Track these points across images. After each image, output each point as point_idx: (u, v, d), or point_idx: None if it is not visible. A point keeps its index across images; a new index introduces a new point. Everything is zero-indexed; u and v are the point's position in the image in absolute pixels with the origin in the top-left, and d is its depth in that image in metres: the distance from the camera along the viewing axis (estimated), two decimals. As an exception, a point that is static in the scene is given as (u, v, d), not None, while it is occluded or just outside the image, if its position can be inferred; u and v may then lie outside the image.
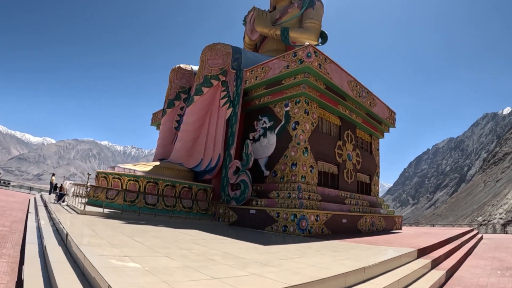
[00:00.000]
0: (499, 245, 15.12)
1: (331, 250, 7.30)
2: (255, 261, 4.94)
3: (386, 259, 5.90)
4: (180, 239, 7.30)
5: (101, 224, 8.89)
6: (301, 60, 14.05)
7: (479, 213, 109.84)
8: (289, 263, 4.99)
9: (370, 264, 5.17)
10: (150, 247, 5.65)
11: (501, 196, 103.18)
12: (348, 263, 5.29)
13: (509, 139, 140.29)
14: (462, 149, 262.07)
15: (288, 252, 6.44)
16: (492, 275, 7.66)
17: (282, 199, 13.32)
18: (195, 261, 4.62)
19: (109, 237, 6.36)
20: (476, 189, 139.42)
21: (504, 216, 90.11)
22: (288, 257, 5.69)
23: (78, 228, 7.51)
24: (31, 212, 14.13)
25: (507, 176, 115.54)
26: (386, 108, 21.71)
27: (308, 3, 22.38)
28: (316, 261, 5.36)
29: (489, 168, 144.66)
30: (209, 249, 5.91)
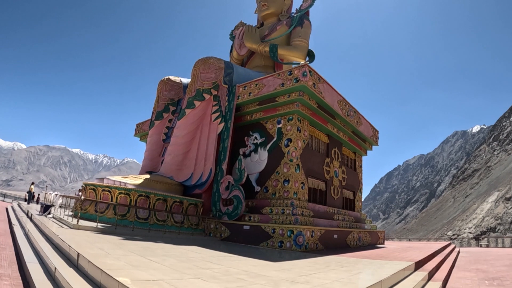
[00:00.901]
0: (478, 258, 16.38)
1: (339, 265, 7.88)
2: (282, 279, 5.37)
3: (394, 272, 6.55)
4: (191, 257, 7.56)
5: (102, 241, 8.88)
6: (297, 79, 14.86)
7: (449, 227, 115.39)
8: (314, 280, 5.49)
9: (384, 277, 5.79)
10: (171, 267, 5.71)
11: (470, 211, 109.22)
12: (364, 277, 5.89)
13: (478, 156, 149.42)
14: (432, 165, 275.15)
15: (302, 268, 6.94)
16: (482, 285, 8.54)
17: (276, 215, 13.83)
18: (228, 281, 4.91)
19: (122, 257, 6.34)
20: (445, 204, 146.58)
21: (473, 230, 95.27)
22: (307, 273, 6.19)
23: (85, 247, 7.29)
24: (14, 223, 13.75)
25: (476, 191, 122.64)
26: (371, 126, 23.03)
27: (297, 22, 23.44)
28: (335, 277, 5.91)
29: (458, 184, 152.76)
30: (228, 268, 6.24)
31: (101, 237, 9.75)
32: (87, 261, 5.31)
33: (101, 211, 13.75)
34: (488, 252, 22.26)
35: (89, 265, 5.19)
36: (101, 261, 5.47)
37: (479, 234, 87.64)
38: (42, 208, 15.18)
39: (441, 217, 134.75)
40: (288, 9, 25.89)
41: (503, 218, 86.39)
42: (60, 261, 6.04)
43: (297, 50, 22.89)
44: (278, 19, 25.36)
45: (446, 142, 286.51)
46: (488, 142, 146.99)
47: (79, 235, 9.49)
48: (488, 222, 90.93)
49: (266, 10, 25.08)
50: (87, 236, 9.38)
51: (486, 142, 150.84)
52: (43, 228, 10.70)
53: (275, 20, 25.40)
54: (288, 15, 25.31)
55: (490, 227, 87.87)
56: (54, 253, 6.90)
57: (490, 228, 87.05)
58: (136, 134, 25.48)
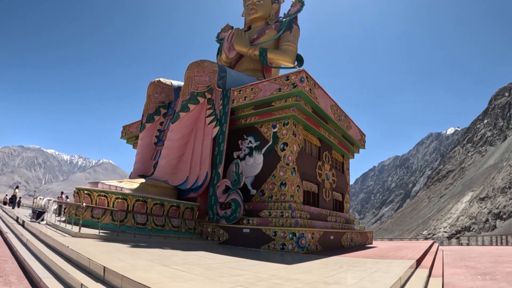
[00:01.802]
0: (463, 256, 17.58)
1: (351, 265, 8.53)
2: (313, 281, 5.85)
3: (405, 269, 7.24)
4: (210, 264, 7.80)
5: (113, 250, 8.79)
6: (294, 84, 15.48)
7: (424, 227, 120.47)
8: (341, 280, 6.07)
9: (401, 274, 6.45)
10: (205, 277, 5.77)
11: (445, 211, 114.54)
12: (382, 275, 6.52)
13: (452, 158, 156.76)
14: (407, 166, 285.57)
15: (320, 270, 7.50)
16: (476, 280, 9.41)
17: (276, 218, 14.37)
18: (272, 287, 5.22)
19: (151, 269, 6.27)
20: (420, 204, 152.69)
21: (448, 229, 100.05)
22: (330, 274, 6.75)
23: (104, 258, 6.98)
24: (6, 231, 13.45)
25: (450, 192, 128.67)
26: (359, 130, 24.09)
27: (286, 26, 24.12)
28: (357, 276, 6.53)
29: (433, 184, 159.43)
30: (256, 273, 6.61)
31: (109, 246, 9.66)
32: (120, 275, 5.21)
33: (97, 217, 13.69)
34: (469, 250, 23.83)
35: (123, 280, 5.08)
36: (137, 275, 5.39)
37: (454, 233, 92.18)
38: (35, 214, 14.79)
39: (416, 217, 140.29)
40: (276, 13, 26.52)
41: (477, 218, 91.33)
42: (82, 276, 5.92)
43: (286, 55, 23.55)
44: (266, 22, 25.91)
45: (421, 144, 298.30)
46: (462, 144, 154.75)
47: (86, 244, 9.22)
48: (463, 222, 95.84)
49: (255, 13, 25.57)
50: (95, 245, 9.28)
51: (460, 144, 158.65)
52: (43, 237, 10.47)
53: (263, 24, 25.93)
54: (276, 19, 25.91)
55: (464, 226, 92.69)
56: (69, 266, 6.71)
57: (465, 227, 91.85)
58: (123, 136, 25.28)
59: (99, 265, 5.96)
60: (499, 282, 9.37)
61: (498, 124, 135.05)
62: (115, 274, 5.37)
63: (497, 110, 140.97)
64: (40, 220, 14.30)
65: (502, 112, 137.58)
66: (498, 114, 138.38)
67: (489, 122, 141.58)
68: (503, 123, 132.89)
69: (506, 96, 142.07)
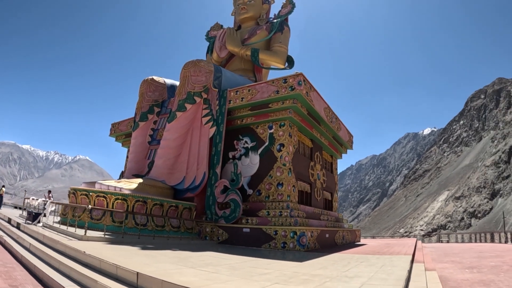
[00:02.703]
0: (446, 252, 19.02)
1: (357, 261, 9.44)
2: (334, 277, 6.57)
3: (408, 263, 8.19)
4: (231, 264, 8.26)
5: (129, 254, 8.74)
6: (292, 87, 16.27)
7: (401, 225, 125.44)
8: (357, 273, 6.88)
9: (407, 268, 7.37)
10: (238, 276, 6.19)
11: (422, 209, 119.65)
12: (391, 268, 7.43)
13: (429, 157, 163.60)
14: (384, 165, 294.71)
15: (332, 266, 8.33)
16: (465, 273, 10.55)
17: (275, 218, 15.15)
18: (305, 283, 5.81)
19: (180, 271, 6.45)
20: (397, 203, 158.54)
21: (424, 227, 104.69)
22: (344, 269, 7.57)
23: (128, 263, 6.86)
24: (1, 234, 13.26)
25: (427, 191, 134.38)
26: (347, 131, 25.25)
27: (277, 27, 24.77)
28: (368, 270, 7.39)
29: (410, 183, 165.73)
30: (279, 271, 7.18)
31: (121, 249, 9.65)
32: (160, 281, 5.30)
33: (97, 218, 13.75)
34: (450, 247, 25.59)
35: (164, 285, 5.22)
36: (176, 279, 5.48)
37: (430, 231, 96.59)
38: (31, 216, 14.57)
39: (393, 215, 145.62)
40: (267, 14, 27.16)
41: (453, 216, 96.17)
42: (112, 283, 5.89)
43: (278, 56, 24.25)
44: (257, 23, 26.48)
45: (398, 144, 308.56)
46: (439, 144, 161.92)
47: (97, 247, 9.18)
48: (439, 220, 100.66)
49: (245, 13, 26.07)
50: (108, 249, 9.28)
51: (437, 144, 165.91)
52: (48, 241, 10.27)
53: (253, 24, 26.48)
54: (266, 19, 26.55)
55: (440, 224, 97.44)
56: (93, 273, 6.62)
57: (441, 225, 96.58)
58: (111, 134, 25.26)
59: (130, 271, 5.94)
60: (486, 274, 10.55)
61: (473, 125, 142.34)
62: (151, 280, 5.42)
63: (473, 112, 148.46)
64: (37, 222, 14.14)
65: (478, 113, 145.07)
66: (474, 116, 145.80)
67: (465, 123, 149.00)
68: (478, 124, 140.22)
69: (482, 98, 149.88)
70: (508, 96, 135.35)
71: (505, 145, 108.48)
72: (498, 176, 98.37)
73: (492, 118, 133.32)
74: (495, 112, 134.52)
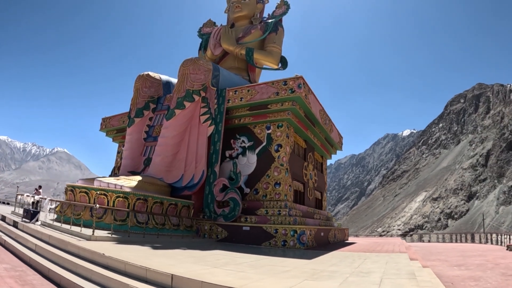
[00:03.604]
0: (430, 251, 20.40)
1: (361, 258, 10.34)
2: (353, 272, 7.34)
3: (408, 260, 9.13)
4: (250, 262, 8.69)
5: (149, 254, 9.03)
6: (292, 90, 17.02)
7: (378, 224, 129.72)
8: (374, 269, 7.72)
9: (410, 264, 8.29)
10: (263, 274, 6.77)
11: (399, 209, 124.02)
12: (396, 264, 8.32)
13: (407, 158, 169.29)
14: (363, 165, 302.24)
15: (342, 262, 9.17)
16: (454, 270, 11.67)
17: (274, 216, 15.91)
18: (333, 277, 6.53)
19: (210, 271, 6.69)
20: (375, 202, 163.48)
21: (402, 227, 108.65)
22: (356, 265, 8.39)
23: (153, 264, 6.89)
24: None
25: (404, 191, 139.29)
26: (338, 133, 26.36)
27: (271, 28, 25.36)
28: (377, 266, 8.24)
29: (388, 183, 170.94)
30: (297, 268, 7.88)
31: (136, 249, 9.76)
32: (200, 282, 5.50)
33: (98, 217, 13.50)
34: (433, 246, 27.22)
35: (203, 286, 5.41)
36: (214, 279, 5.75)
37: (408, 231, 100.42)
38: (29, 214, 14.16)
39: (371, 214, 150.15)
40: (261, 13, 27.73)
41: (430, 217, 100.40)
42: (144, 286, 5.97)
43: (272, 56, 24.89)
44: (251, 21, 26.96)
45: (377, 144, 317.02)
46: (418, 145, 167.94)
47: (111, 248, 9.13)
48: (416, 220, 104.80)
49: (239, 12, 26.52)
50: (123, 250, 9.25)
51: (416, 145, 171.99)
52: (55, 242, 10.09)
53: (247, 23, 26.95)
54: (260, 19, 27.12)
55: (417, 224, 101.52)
56: (121, 277, 6.59)
57: (418, 225, 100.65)
58: (102, 129, 25.25)
59: (164, 274, 6.04)
60: (474, 271, 11.72)
61: (452, 128, 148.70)
62: (189, 282, 5.58)
63: (452, 115, 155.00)
64: (35, 220, 13.84)
65: (457, 117, 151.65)
66: (453, 119, 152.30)
67: (444, 126, 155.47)
68: (457, 128, 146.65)
69: (461, 102, 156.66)
70: (487, 102, 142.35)
71: (482, 149, 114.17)
72: (475, 179, 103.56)
73: (471, 122, 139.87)
74: (474, 116, 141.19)
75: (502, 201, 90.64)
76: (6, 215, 16.20)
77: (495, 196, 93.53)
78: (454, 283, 9.82)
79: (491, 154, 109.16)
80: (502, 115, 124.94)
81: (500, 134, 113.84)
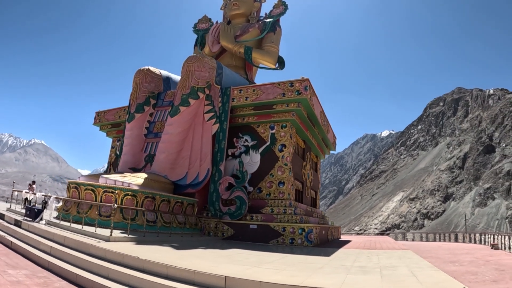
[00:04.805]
0: (420, 249, 21.63)
1: (373, 255, 11.25)
2: (382, 266, 8.21)
3: (416, 255, 10.16)
4: (277, 260, 9.25)
5: (179, 255, 9.06)
6: (299, 92, 17.79)
7: (356, 223, 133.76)
8: (395, 263, 8.65)
9: (423, 263, 9.30)
10: (302, 271, 7.27)
11: (377, 209, 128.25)
12: (410, 260, 9.30)
13: (386, 159, 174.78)
14: (342, 164, 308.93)
15: (358, 259, 10.00)
16: (450, 266, 12.75)
17: (280, 215, 16.66)
18: (368, 272, 7.31)
19: (256, 270, 7.03)
20: (353, 201, 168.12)
21: (379, 226, 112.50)
22: (377, 260, 9.30)
23: (194, 266, 7.01)
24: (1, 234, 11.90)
25: (382, 191, 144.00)
26: (333, 133, 27.50)
27: (269, 28, 25.88)
28: (396, 261, 9.19)
29: (366, 183, 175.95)
30: (326, 264, 8.66)
31: (159, 250, 9.73)
32: (258, 282, 5.76)
33: (106, 215, 13.56)
34: (419, 244, 28.88)
35: (262, 286, 5.67)
36: (273, 278, 6.07)
37: (385, 230, 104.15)
38: (32, 213, 13.67)
39: (348, 213, 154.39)
40: (257, 12, 28.23)
41: (407, 216, 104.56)
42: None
43: (270, 56, 25.50)
44: (247, 20, 27.48)
45: (356, 144, 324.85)
46: (396, 146, 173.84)
47: (134, 249, 9.02)
48: (393, 220, 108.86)
49: (237, 10, 26.92)
50: (145, 250, 9.14)
51: (394, 146, 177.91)
52: (74, 245, 9.74)
53: (243, 21, 27.41)
54: (257, 18, 27.67)
55: (394, 224, 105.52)
56: (167, 281, 6.52)
57: (395, 225, 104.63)
58: (96, 123, 25.11)
59: (215, 276, 6.15)
60: (469, 267, 12.95)
61: (431, 131, 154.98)
62: (245, 283, 5.82)
63: (431, 118, 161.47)
64: (39, 219, 13.50)
65: (436, 120, 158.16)
66: (432, 122, 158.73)
67: (423, 128, 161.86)
68: (435, 130, 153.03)
69: (440, 105, 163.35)
70: (466, 106, 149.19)
71: (460, 152, 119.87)
72: (452, 181, 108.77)
73: (449, 125, 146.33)
74: (453, 119, 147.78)
75: (478, 203, 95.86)
76: (4, 213, 15.69)
77: (471, 198, 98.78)
78: (456, 277, 11.02)
79: (468, 157, 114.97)
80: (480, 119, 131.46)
81: (477, 138, 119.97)
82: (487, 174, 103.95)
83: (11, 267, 8.06)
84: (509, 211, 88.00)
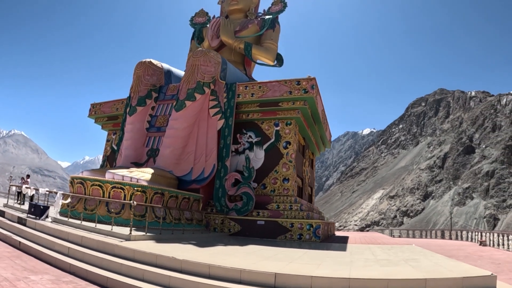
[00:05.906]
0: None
1: (385, 249, 11.99)
2: (403, 259, 8.79)
3: (423, 249, 10.95)
4: (303, 256, 9.56)
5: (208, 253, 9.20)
6: (306, 90, 18.26)
7: (336, 219, 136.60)
8: (412, 256, 9.34)
9: (438, 255, 10.06)
10: (342, 265, 7.79)
11: (357, 205, 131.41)
12: (423, 252, 10.05)
13: (366, 157, 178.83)
14: (322, 161, 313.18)
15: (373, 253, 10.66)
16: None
17: (287, 211, 17.16)
18: (397, 264, 8.05)
19: (296, 266, 7.27)
20: (333, 198, 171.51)
21: (359, 223, 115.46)
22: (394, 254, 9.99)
23: (233, 264, 7.03)
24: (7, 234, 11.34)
25: (362, 188, 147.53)
26: (329, 131, 28.27)
27: (269, 24, 26.14)
28: (411, 254, 9.91)
29: (346, 180, 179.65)
30: (351, 259, 9.28)
31: (183, 248, 9.74)
32: (310, 277, 5.99)
33: (116, 212, 13.16)
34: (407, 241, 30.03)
35: (314, 281, 5.92)
36: (320, 272, 6.41)
37: (364, 226, 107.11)
38: (38, 209, 13.21)
39: (329, 209, 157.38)
40: (256, 8, 28.38)
41: (387, 214, 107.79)
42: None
43: (269, 53, 25.78)
44: (245, 15, 27.66)
45: (337, 141, 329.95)
46: (377, 144, 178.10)
47: (160, 249, 8.85)
48: (373, 216, 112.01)
49: (235, 5, 26.93)
50: (170, 249, 9.13)
51: (375, 144, 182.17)
52: (94, 245, 9.45)
53: (242, 16, 27.48)
54: (255, 14, 27.88)
55: (374, 220, 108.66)
56: (209, 281, 6.46)
57: (375, 221, 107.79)
58: (91, 115, 24.75)
59: (264, 273, 6.26)
60: (466, 261, 13.72)
61: (412, 130, 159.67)
62: (296, 278, 6.03)
63: (412, 117, 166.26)
64: (45, 217, 13.17)
65: (417, 119, 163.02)
66: (413, 121, 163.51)
67: (404, 128, 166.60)
68: (416, 129, 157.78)
69: (422, 105, 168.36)
70: (447, 106, 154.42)
71: (440, 151, 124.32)
72: (432, 180, 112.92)
73: (430, 125, 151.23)
74: (434, 120, 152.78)
75: (457, 202, 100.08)
76: (2, 209, 14.98)
77: (450, 197, 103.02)
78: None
79: (448, 156, 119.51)
80: (461, 120, 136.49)
81: (458, 138, 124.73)
82: (466, 174, 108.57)
83: (31, 272, 7.56)
84: (487, 211, 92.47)
